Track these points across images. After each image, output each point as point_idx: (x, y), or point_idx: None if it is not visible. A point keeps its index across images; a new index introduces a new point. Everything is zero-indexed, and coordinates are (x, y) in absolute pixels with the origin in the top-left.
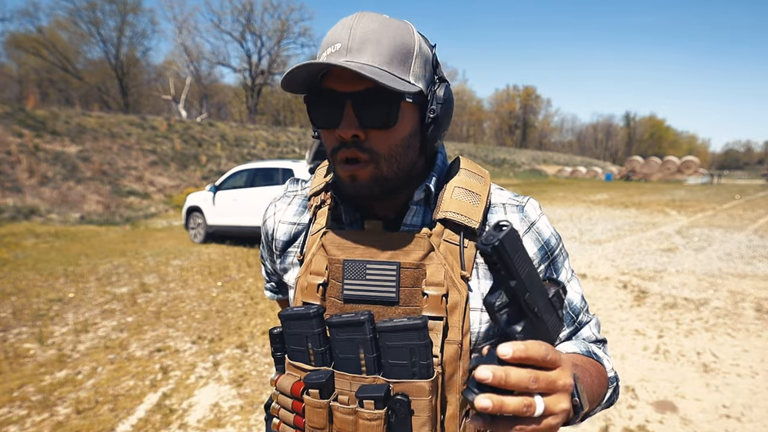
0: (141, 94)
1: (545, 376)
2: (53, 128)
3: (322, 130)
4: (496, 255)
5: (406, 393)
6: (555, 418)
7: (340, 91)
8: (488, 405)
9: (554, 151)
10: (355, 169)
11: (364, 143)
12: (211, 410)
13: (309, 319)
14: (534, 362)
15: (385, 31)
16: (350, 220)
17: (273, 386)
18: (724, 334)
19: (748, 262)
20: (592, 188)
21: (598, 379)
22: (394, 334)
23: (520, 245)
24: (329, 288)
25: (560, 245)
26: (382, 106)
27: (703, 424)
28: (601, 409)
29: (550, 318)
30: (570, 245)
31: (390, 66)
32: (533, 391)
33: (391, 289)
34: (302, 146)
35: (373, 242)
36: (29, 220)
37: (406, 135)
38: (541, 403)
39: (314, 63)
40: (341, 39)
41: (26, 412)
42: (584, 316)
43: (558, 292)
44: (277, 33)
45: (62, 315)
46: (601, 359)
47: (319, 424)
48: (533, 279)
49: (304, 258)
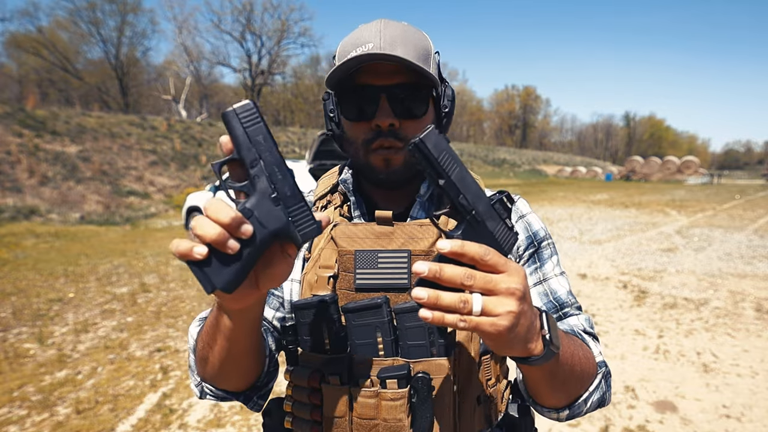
0: (141, 94)
1: (482, 275)
2: (53, 128)
3: (354, 122)
4: (418, 152)
5: (427, 372)
6: (500, 320)
7: (375, 84)
8: (423, 296)
9: (554, 151)
10: (389, 154)
11: (399, 131)
12: (211, 410)
13: (326, 306)
14: (471, 261)
15: (410, 34)
16: (358, 215)
17: (287, 379)
18: (724, 334)
19: (748, 262)
20: (592, 188)
21: (583, 351)
22: (411, 315)
23: (445, 146)
24: (340, 280)
25: (549, 240)
26: (414, 99)
27: (703, 424)
28: (593, 403)
29: (496, 225)
30: (570, 245)
31: (419, 62)
32: (469, 288)
33: (403, 276)
34: (302, 146)
35: (382, 233)
36: (29, 220)
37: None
38: (479, 301)
39: (367, 54)
40: (372, 39)
41: (26, 412)
42: (571, 310)
43: (501, 200)
44: (277, 33)
45: (62, 315)
46: (586, 341)
47: (339, 412)
48: (467, 181)
49: (312, 254)
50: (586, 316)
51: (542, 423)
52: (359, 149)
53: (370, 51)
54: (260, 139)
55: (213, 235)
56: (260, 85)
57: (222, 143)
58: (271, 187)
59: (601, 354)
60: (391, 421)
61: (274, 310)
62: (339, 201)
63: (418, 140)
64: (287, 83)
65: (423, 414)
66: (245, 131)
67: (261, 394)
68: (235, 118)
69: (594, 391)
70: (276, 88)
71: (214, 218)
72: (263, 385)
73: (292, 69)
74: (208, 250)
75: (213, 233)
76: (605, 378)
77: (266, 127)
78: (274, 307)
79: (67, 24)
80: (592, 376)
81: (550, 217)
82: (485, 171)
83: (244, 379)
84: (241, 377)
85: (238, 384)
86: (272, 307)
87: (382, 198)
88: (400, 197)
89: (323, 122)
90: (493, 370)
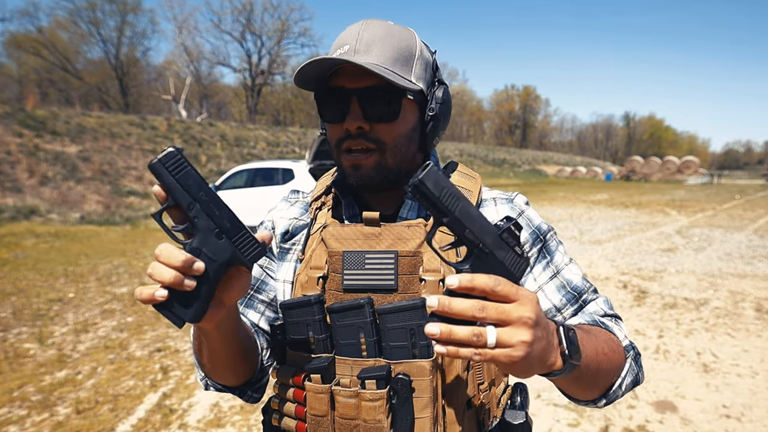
0: (141, 94)
1: (494, 306)
2: (53, 128)
3: (329, 124)
4: (418, 193)
5: (407, 373)
6: (515, 350)
7: (347, 87)
8: (436, 332)
9: (554, 151)
10: (359, 158)
11: (371, 134)
12: (211, 410)
13: (310, 306)
14: (482, 293)
15: (390, 35)
16: (350, 215)
17: (274, 377)
18: (724, 334)
19: (748, 262)
20: (592, 188)
21: (608, 344)
22: (393, 315)
23: (446, 183)
24: (329, 281)
25: (552, 231)
26: (385, 102)
27: (703, 424)
28: (627, 386)
29: (506, 255)
30: (570, 245)
31: (394, 66)
32: (481, 320)
33: (389, 276)
34: (302, 146)
35: (371, 234)
36: (29, 220)
37: (408, 129)
38: (493, 334)
39: (325, 58)
40: (349, 41)
41: (26, 412)
42: (589, 296)
43: (509, 228)
44: (277, 33)
45: (62, 315)
46: (610, 328)
47: (320, 411)
48: (472, 215)
49: (305, 255)
50: (604, 298)
51: (542, 423)
52: (334, 150)
53: (341, 55)
54: (191, 183)
55: (169, 278)
56: (260, 85)
57: (155, 193)
58: (211, 224)
59: (626, 337)
60: (371, 422)
61: (260, 314)
62: (332, 202)
63: (417, 181)
64: (287, 83)
65: (403, 416)
66: (175, 179)
67: (255, 388)
68: (162, 169)
69: (626, 376)
70: (276, 88)
71: (167, 263)
72: (257, 380)
73: (292, 69)
74: (168, 292)
75: (169, 277)
76: (635, 360)
77: (194, 169)
78: (259, 311)
79: (67, 24)
80: (621, 364)
81: (550, 217)
82: (485, 171)
83: (236, 376)
84: (233, 375)
85: (232, 380)
86: (258, 311)
87: (373, 199)
88: (390, 198)
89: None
90: (486, 374)
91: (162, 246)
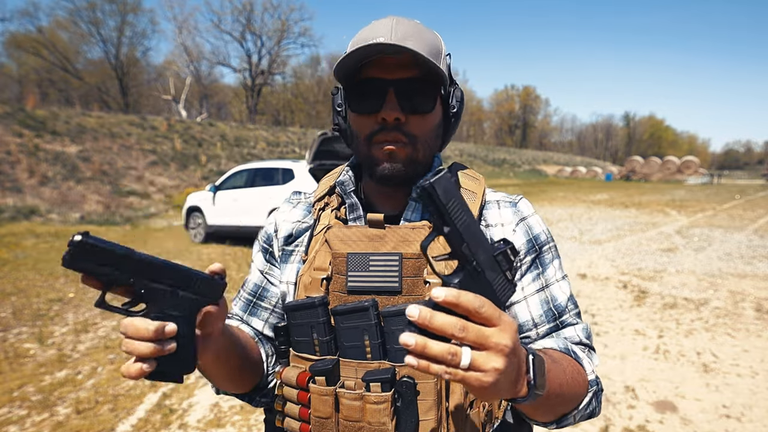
0: (141, 94)
1: (476, 328)
2: (53, 128)
3: (360, 116)
4: (427, 197)
5: (412, 376)
6: (486, 376)
7: (383, 78)
8: (410, 342)
9: (554, 151)
10: (394, 148)
11: (404, 126)
12: (211, 410)
13: (314, 308)
14: (465, 312)
15: (421, 32)
16: (354, 217)
17: (278, 379)
18: (724, 334)
19: (748, 262)
20: (592, 188)
21: (573, 376)
22: (398, 318)
23: (455, 193)
24: (333, 282)
25: (551, 244)
26: (423, 94)
27: (703, 424)
28: (582, 417)
29: (496, 277)
30: (570, 245)
31: (430, 58)
32: (460, 340)
33: (394, 279)
34: (302, 146)
35: (375, 236)
36: (29, 220)
37: (436, 124)
38: (468, 355)
39: (378, 44)
40: (383, 34)
41: (26, 412)
42: (569, 318)
43: (505, 252)
44: (277, 33)
45: (62, 315)
46: (580, 360)
47: (325, 413)
48: (472, 231)
49: (308, 256)
50: (584, 325)
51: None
52: (362, 143)
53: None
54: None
55: (148, 350)
56: (260, 85)
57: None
58: (159, 286)
59: (593, 372)
60: (375, 425)
61: (263, 321)
62: (336, 203)
63: (428, 184)
64: (287, 83)
65: (407, 418)
66: (97, 265)
67: (263, 393)
68: (79, 262)
69: (582, 409)
70: (276, 88)
71: (137, 337)
72: (264, 386)
73: (292, 69)
74: (154, 360)
75: (147, 349)
76: (595, 396)
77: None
78: (263, 318)
79: (67, 24)
80: (581, 397)
81: (550, 217)
82: (485, 171)
83: (242, 386)
84: (239, 386)
85: (240, 389)
86: (261, 318)
87: (378, 200)
88: (396, 199)
89: (323, 122)
90: None
91: (125, 322)
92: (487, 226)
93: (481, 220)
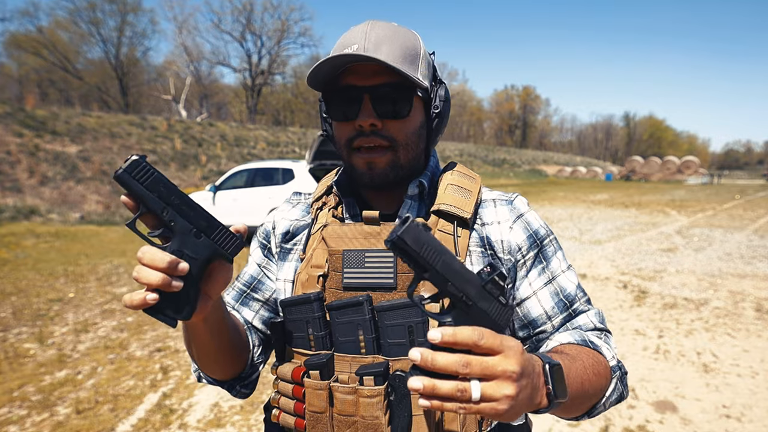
0: (141, 94)
1: (479, 361)
2: (53, 128)
3: (338, 123)
4: (398, 250)
5: (405, 370)
6: (500, 404)
7: (358, 85)
8: (419, 386)
9: (554, 151)
10: (373, 157)
11: (383, 131)
12: (211, 410)
13: (309, 303)
14: (465, 347)
15: (396, 35)
16: (350, 215)
17: (274, 374)
18: (724, 334)
19: (748, 262)
20: (592, 188)
21: (594, 369)
22: (392, 313)
23: (426, 237)
24: (329, 279)
25: (550, 236)
26: (397, 99)
27: (703, 424)
28: (611, 403)
29: (490, 306)
30: (570, 245)
31: (402, 64)
32: (466, 375)
33: (389, 274)
34: (302, 146)
35: (371, 232)
36: (29, 220)
37: (417, 127)
38: (477, 389)
39: (344, 54)
40: (357, 41)
41: (26, 412)
42: (581, 305)
43: (493, 280)
44: (277, 33)
45: (62, 315)
46: (599, 348)
47: (319, 407)
48: (453, 269)
49: (305, 254)
50: (596, 310)
51: (542, 423)
52: (344, 149)
53: (353, 51)
54: (161, 188)
55: (157, 280)
56: (260, 85)
57: (124, 202)
58: (188, 224)
59: (614, 357)
60: (369, 418)
61: (254, 312)
62: (333, 202)
63: (396, 237)
64: (287, 83)
65: (400, 412)
66: (143, 186)
67: (244, 384)
68: (129, 178)
69: (610, 395)
70: (276, 88)
71: (152, 266)
72: (246, 376)
73: (292, 69)
74: (158, 293)
75: (156, 279)
76: (620, 380)
77: (161, 175)
78: (254, 309)
79: (67, 24)
80: (606, 386)
81: (550, 217)
82: (485, 171)
83: (225, 371)
84: (223, 370)
85: (221, 374)
86: (252, 309)
87: (373, 198)
88: (391, 197)
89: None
90: None
91: (144, 248)
92: (483, 225)
93: (477, 219)
